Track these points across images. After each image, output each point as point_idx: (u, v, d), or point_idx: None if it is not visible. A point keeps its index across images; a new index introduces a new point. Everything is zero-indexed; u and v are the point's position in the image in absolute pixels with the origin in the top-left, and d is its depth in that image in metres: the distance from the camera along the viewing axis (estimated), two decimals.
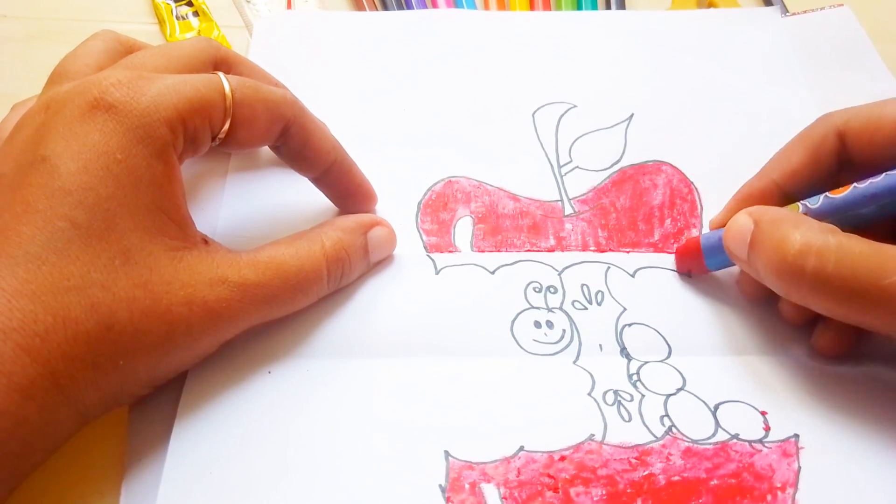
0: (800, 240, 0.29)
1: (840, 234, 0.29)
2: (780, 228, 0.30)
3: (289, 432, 0.31)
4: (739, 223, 0.32)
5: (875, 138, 0.32)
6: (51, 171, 0.28)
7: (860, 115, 0.33)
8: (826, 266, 0.29)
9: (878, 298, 0.28)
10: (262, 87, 0.33)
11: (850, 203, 0.31)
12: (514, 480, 0.30)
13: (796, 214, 0.31)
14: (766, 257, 0.31)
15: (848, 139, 0.33)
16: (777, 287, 0.31)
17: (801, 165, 0.34)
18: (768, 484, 0.30)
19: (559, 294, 0.36)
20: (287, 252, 0.33)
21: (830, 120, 0.34)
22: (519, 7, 0.51)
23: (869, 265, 0.28)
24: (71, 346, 0.27)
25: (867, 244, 0.29)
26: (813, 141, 0.34)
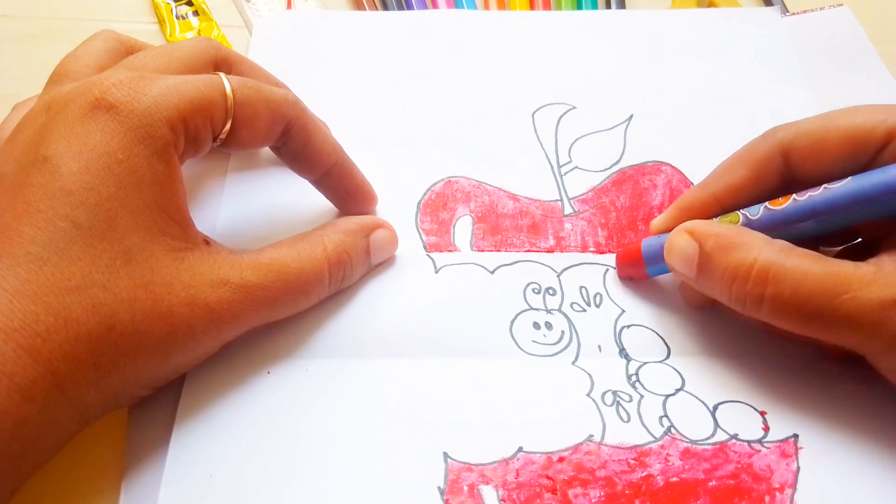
0: (757, 266, 0.30)
1: (793, 254, 0.30)
2: (733, 254, 0.31)
3: (288, 433, 0.31)
4: (682, 243, 0.33)
5: (821, 158, 0.32)
6: (52, 172, 0.28)
7: (805, 134, 0.33)
8: (783, 292, 0.29)
9: (833, 318, 0.28)
10: (263, 87, 0.33)
11: (791, 216, 0.31)
12: (512, 482, 0.30)
13: (742, 232, 0.31)
14: (721, 282, 0.31)
15: (793, 158, 0.33)
16: (734, 307, 0.31)
17: (743, 181, 0.34)
18: (766, 485, 0.30)
19: (558, 296, 0.36)
20: (289, 254, 0.33)
21: (776, 137, 0.33)
22: (519, 7, 0.51)
23: (822, 286, 0.28)
24: (72, 347, 0.27)
25: (820, 263, 0.29)
26: (757, 158, 0.34)
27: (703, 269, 0.32)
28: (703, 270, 0.32)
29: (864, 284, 0.28)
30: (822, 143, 0.32)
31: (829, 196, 0.30)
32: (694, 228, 0.32)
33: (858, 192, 0.30)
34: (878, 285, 0.28)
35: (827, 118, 0.33)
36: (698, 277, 0.32)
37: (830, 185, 0.30)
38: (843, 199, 0.30)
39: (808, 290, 0.29)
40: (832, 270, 0.29)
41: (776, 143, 0.33)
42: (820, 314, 0.29)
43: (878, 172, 0.30)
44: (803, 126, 0.33)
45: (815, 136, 0.32)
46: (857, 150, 0.31)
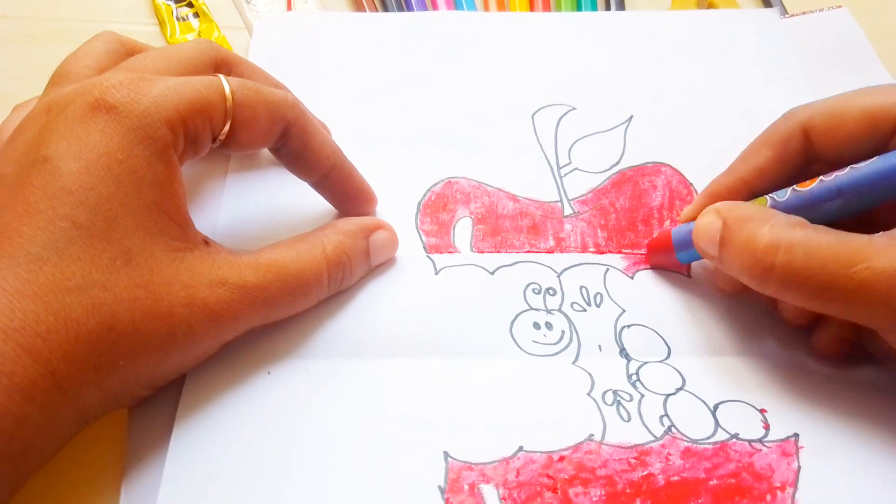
0: (768, 235, 0.30)
1: (807, 227, 0.30)
2: (747, 225, 0.31)
3: (288, 433, 0.31)
4: (707, 221, 0.33)
5: (838, 134, 0.32)
6: (52, 172, 0.28)
7: (823, 112, 0.33)
8: (794, 260, 0.29)
9: (847, 288, 0.28)
10: (262, 88, 0.33)
11: (817, 196, 0.31)
12: (513, 481, 0.30)
13: (764, 209, 0.32)
14: (736, 254, 0.31)
15: (813, 135, 0.33)
16: (749, 283, 0.31)
17: (768, 162, 0.34)
18: (767, 484, 0.30)
19: (558, 296, 0.36)
20: (288, 255, 0.33)
21: (795, 117, 0.34)
22: (519, 8, 0.51)
23: (836, 255, 0.28)
24: (72, 347, 0.27)
25: (833, 234, 0.29)
26: (779, 139, 0.34)
27: (724, 244, 0.32)
28: (724, 245, 0.32)
29: (880, 253, 0.28)
30: (839, 121, 0.32)
31: (855, 175, 0.30)
32: (720, 208, 0.33)
33: (884, 172, 0.30)
34: (892, 255, 0.28)
35: (844, 98, 0.33)
36: (721, 255, 0.32)
37: (857, 166, 0.30)
38: (869, 178, 0.30)
39: (820, 260, 0.28)
40: (846, 241, 0.29)
41: (796, 122, 0.33)
42: (833, 284, 0.28)
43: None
44: (821, 105, 0.33)
45: (832, 114, 0.33)
46: (875, 128, 0.32)
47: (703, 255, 0.33)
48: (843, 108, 0.33)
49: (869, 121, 0.32)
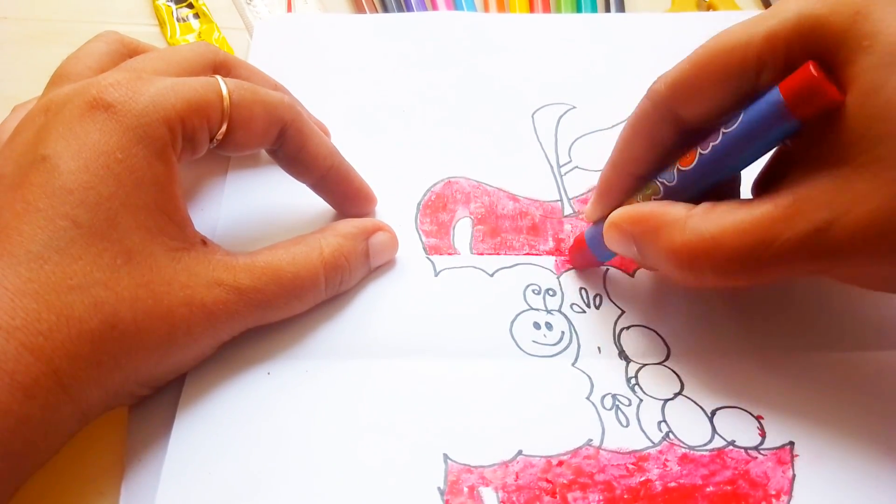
0: (686, 247, 0.30)
1: (715, 220, 0.29)
2: (661, 240, 0.31)
3: (288, 433, 0.31)
4: (615, 240, 0.33)
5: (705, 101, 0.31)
6: (51, 171, 0.28)
7: (681, 84, 0.31)
8: (719, 261, 0.29)
9: (774, 267, 0.28)
10: (259, 89, 0.33)
11: (701, 171, 0.31)
12: (512, 484, 0.30)
13: (661, 211, 0.31)
14: (662, 268, 0.31)
15: (680, 111, 0.32)
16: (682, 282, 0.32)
17: (645, 151, 0.33)
18: (763, 491, 0.30)
19: (558, 297, 0.36)
20: (284, 257, 0.33)
21: (658, 97, 0.32)
22: (519, 9, 0.51)
23: (754, 239, 0.28)
24: (74, 345, 0.27)
25: (742, 217, 0.29)
26: (650, 129, 0.33)
27: (642, 255, 0.32)
28: (643, 257, 0.32)
29: (790, 224, 0.28)
30: (699, 87, 0.31)
31: (727, 141, 0.30)
32: (619, 221, 0.33)
33: (751, 130, 0.29)
34: (801, 219, 0.27)
35: (699, 54, 0.31)
36: (643, 263, 0.33)
37: (727, 129, 0.30)
38: (740, 139, 0.29)
39: (742, 252, 0.28)
40: (756, 220, 0.28)
41: (660, 103, 0.32)
42: (761, 267, 0.28)
43: (762, 102, 0.29)
44: (677, 74, 0.32)
45: (690, 82, 0.31)
46: (739, 77, 0.30)
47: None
48: (697, 71, 0.31)
49: (728, 74, 0.30)
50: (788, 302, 0.36)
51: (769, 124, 0.29)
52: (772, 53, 0.29)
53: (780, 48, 0.28)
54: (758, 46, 0.29)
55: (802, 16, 0.28)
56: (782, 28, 0.28)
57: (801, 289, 0.36)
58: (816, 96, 0.27)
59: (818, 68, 0.27)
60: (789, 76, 0.28)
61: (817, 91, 0.27)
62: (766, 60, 0.29)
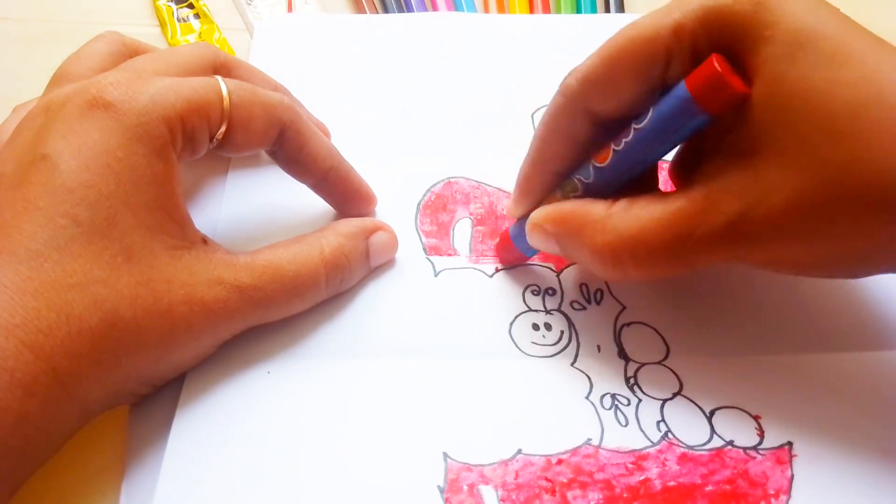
0: (607, 248, 0.30)
1: (633, 217, 0.30)
2: (583, 241, 0.31)
3: (287, 433, 0.31)
4: (538, 239, 0.34)
5: (618, 96, 0.31)
6: (51, 169, 0.28)
7: (594, 81, 0.31)
8: (641, 258, 0.29)
9: (692, 259, 0.29)
10: (259, 90, 0.33)
11: (617, 167, 0.31)
12: (511, 483, 0.30)
13: (581, 210, 0.31)
14: (589, 264, 0.32)
15: (594, 108, 0.32)
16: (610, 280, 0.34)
17: (562, 148, 0.33)
18: (762, 490, 0.30)
19: (557, 296, 0.36)
20: (285, 256, 0.33)
21: (571, 94, 0.32)
22: (519, 9, 0.51)
23: (671, 235, 0.29)
24: (74, 343, 0.27)
25: (659, 212, 0.29)
26: (565, 127, 0.33)
27: (565, 253, 0.33)
28: (566, 254, 0.33)
29: (705, 217, 0.28)
30: (610, 81, 0.31)
31: (639, 137, 0.30)
32: (540, 222, 0.33)
33: (661, 125, 0.29)
34: (715, 211, 0.28)
35: (608, 48, 0.31)
36: (568, 259, 0.34)
37: (638, 125, 0.30)
38: (651, 135, 0.30)
39: (661, 247, 0.29)
40: (673, 216, 0.29)
41: (572, 99, 0.32)
42: (681, 260, 0.29)
43: (670, 97, 0.29)
44: (587, 69, 0.31)
45: (600, 77, 0.31)
46: (648, 70, 0.30)
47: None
48: (608, 64, 0.31)
49: (639, 67, 0.30)
50: (788, 302, 0.36)
51: (678, 119, 0.29)
52: (679, 46, 0.29)
53: (687, 40, 0.28)
54: (665, 39, 0.29)
55: (706, 7, 0.28)
56: (688, 20, 0.28)
57: (801, 289, 0.36)
58: (721, 91, 0.27)
59: (722, 62, 0.27)
60: (694, 71, 0.28)
61: (722, 86, 0.27)
62: (674, 53, 0.29)
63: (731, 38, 0.28)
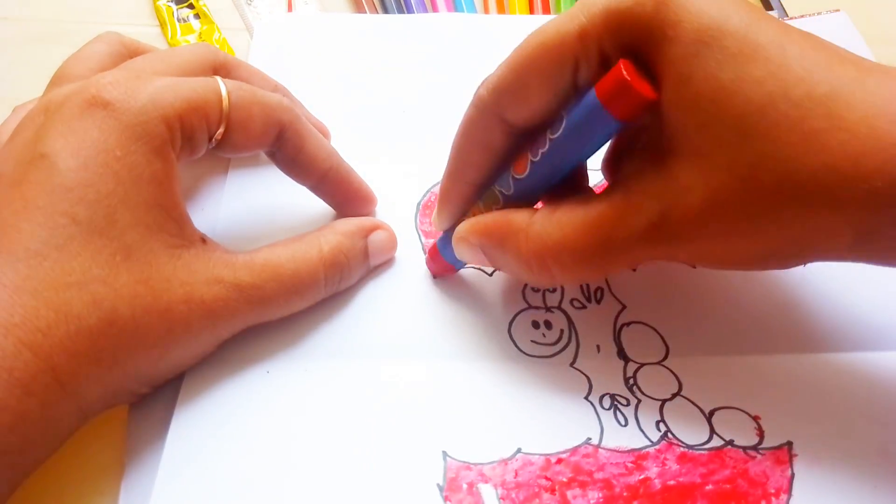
0: (531, 255, 0.30)
1: (555, 224, 0.30)
2: (507, 250, 0.31)
3: (287, 432, 0.31)
4: (464, 252, 0.34)
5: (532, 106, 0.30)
6: (50, 168, 0.28)
7: (506, 92, 0.30)
8: (566, 264, 0.30)
9: (617, 262, 0.29)
10: (258, 91, 0.33)
11: (536, 178, 0.31)
12: (511, 482, 0.30)
13: (504, 220, 0.31)
14: (515, 274, 0.32)
15: (510, 118, 0.31)
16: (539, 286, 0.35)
17: (481, 160, 0.33)
18: (762, 490, 0.30)
19: (558, 293, 0.36)
20: (284, 255, 0.33)
21: (484, 107, 0.31)
22: (519, 10, 0.51)
23: (594, 241, 0.29)
24: (73, 342, 0.27)
25: (580, 219, 0.29)
26: (481, 139, 0.32)
27: (492, 263, 0.33)
28: (493, 264, 0.33)
29: (625, 220, 0.28)
30: (520, 90, 0.30)
31: (555, 147, 0.30)
32: (465, 235, 0.33)
33: (575, 133, 0.29)
34: (635, 213, 0.28)
35: (515, 57, 0.30)
36: (496, 268, 0.34)
37: (553, 135, 0.30)
38: (567, 143, 0.29)
39: (585, 252, 0.29)
40: (595, 221, 0.29)
41: (485, 109, 0.32)
42: (606, 262, 0.29)
43: (581, 106, 0.28)
44: (497, 79, 0.31)
45: (510, 86, 0.30)
46: (557, 78, 0.29)
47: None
48: (517, 73, 0.30)
49: (545, 75, 0.29)
50: (787, 302, 0.36)
51: (591, 127, 0.29)
52: (585, 52, 0.28)
53: (593, 46, 0.28)
54: (571, 45, 0.28)
55: (609, 11, 0.28)
56: (592, 25, 0.28)
57: (801, 289, 0.36)
58: (630, 97, 0.27)
59: (630, 67, 0.27)
60: (603, 78, 0.27)
61: (629, 92, 0.27)
62: (581, 58, 0.28)
63: (636, 40, 0.27)
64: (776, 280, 0.36)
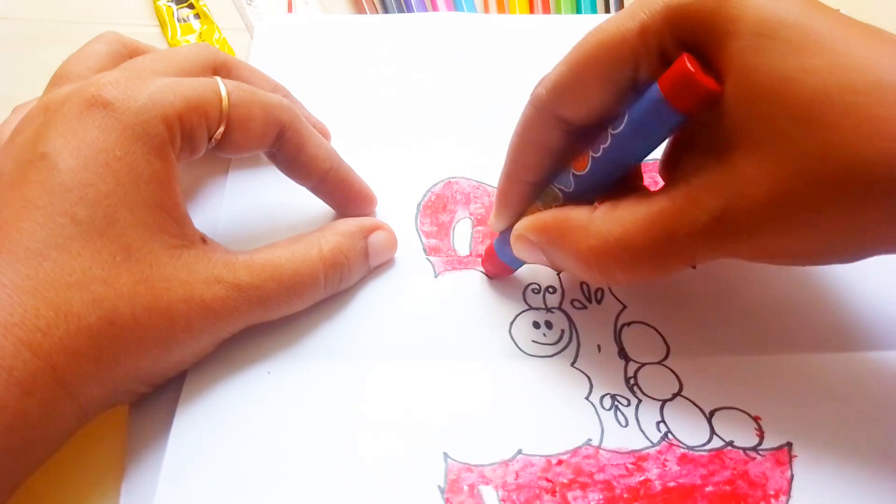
0: (592, 253, 0.30)
1: (615, 221, 0.29)
2: (567, 248, 0.31)
3: (288, 433, 0.31)
4: (523, 250, 0.33)
5: (590, 104, 0.30)
6: (50, 168, 0.28)
7: (563, 90, 0.31)
8: (627, 262, 0.29)
9: (677, 260, 0.29)
10: (258, 91, 0.33)
11: (596, 174, 0.31)
12: (512, 483, 0.30)
13: (564, 217, 0.31)
14: (574, 272, 0.32)
15: (567, 116, 0.31)
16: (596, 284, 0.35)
17: (539, 159, 0.33)
18: (762, 491, 0.30)
19: (558, 294, 0.36)
20: (283, 255, 0.33)
21: (542, 105, 0.32)
22: (518, 9, 0.51)
23: (655, 238, 0.28)
24: (73, 341, 0.27)
25: (642, 214, 0.29)
26: (538, 139, 0.32)
27: (550, 262, 0.33)
28: (552, 263, 0.33)
29: (687, 216, 0.28)
30: (579, 89, 0.30)
31: (617, 142, 0.30)
32: (524, 233, 0.33)
33: (637, 129, 0.29)
34: (697, 209, 0.28)
35: (575, 55, 0.30)
36: (554, 267, 0.33)
37: (614, 130, 0.30)
38: (629, 139, 0.29)
39: (646, 249, 0.29)
40: (656, 217, 0.28)
41: (543, 108, 0.32)
42: (667, 260, 0.29)
43: (644, 101, 0.28)
44: (556, 77, 0.31)
45: (569, 84, 0.31)
46: (617, 75, 0.29)
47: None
48: (576, 71, 0.30)
49: (604, 72, 0.30)
50: (788, 302, 0.36)
51: (654, 121, 0.29)
52: (645, 48, 0.28)
53: (653, 42, 0.28)
54: (631, 42, 0.28)
55: (670, 7, 0.28)
56: (652, 21, 0.28)
57: (802, 289, 0.36)
58: (694, 90, 0.27)
59: (692, 61, 0.27)
60: (666, 72, 0.27)
61: (694, 85, 0.27)
62: (641, 55, 0.29)
63: (697, 36, 0.27)
64: (776, 280, 0.36)
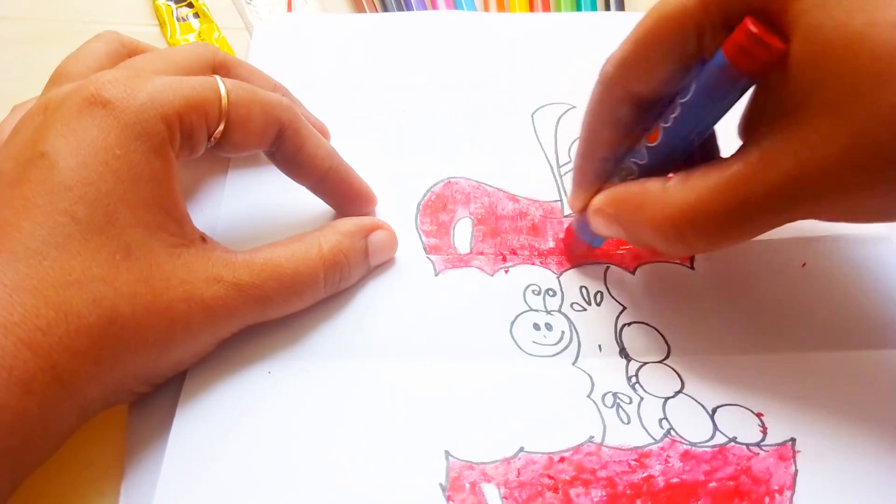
0: (667, 222, 0.30)
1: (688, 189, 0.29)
2: (642, 218, 0.31)
3: (288, 432, 0.31)
4: (600, 225, 0.34)
5: (646, 76, 0.31)
6: (50, 167, 0.28)
7: (630, 64, 0.31)
8: (703, 228, 0.29)
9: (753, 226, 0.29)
10: (258, 90, 0.33)
11: (668, 144, 0.31)
12: (514, 481, 0.30)
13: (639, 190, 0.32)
14: (651, 244, 0.31)
15: (634, 89, 0.32)
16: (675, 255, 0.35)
17: (611, 136, 0.33)
18: (766, 487, 0.30)
19: (558, 297, 0.36)
20: (283, 254, 0.33)
21: (610, 82, 0.32)
22: (519, 9, 0.51)
23: (730, 202, 0.28)
24: (73, 340, 0.27)
25: (715, 181, 0.29)
26: (609, 115, 0.33)
27: (628, 235, 0.33)
28: (629, 236, 0.33)
29: (762, 178, 0.27)
30: (645, 63, 0.31)
31: (686, 111, 0.30)
32: (601, 206, 0.33)
33: (705, 96, 0.29)
34: (771, 171, 0.27)
35: (639, 30, 0.31)
36: (632, 242, 0.34)
37: (683, 99, 0.30)
38: (698, 107, 0.30)
39: (722, 214, 0.28)
40: (730, 181, 0.28)
41: (612, 85, 0.32)
42: (744, 225, 0.29)
43: (710, 67, 0.29)
44: (623, 54, 0.32)
45: (635, 60, 0.31)
46: (681, 46, 0.30)
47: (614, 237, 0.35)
48: (641, 46, 0.31)
49: (669, 45, 0.30)
50: (788, 300, 0.36)
51: (721, 87, 0.29)
52: (708, 17, 0.29)
53: (715, 10, 0.28)
54: (693, 13, 0.29)
55: None
56: None
57: (801, 287, 0.36)
58: (759, 50, 0.27)
59: (756, 23, 0.27)
60: (730, 36, 0.28)
61: (759, 46, 0.27)
62: (705, 25, 0.29)
63: (759, 1, 0.27)
64: (776, 280, 0.37)
